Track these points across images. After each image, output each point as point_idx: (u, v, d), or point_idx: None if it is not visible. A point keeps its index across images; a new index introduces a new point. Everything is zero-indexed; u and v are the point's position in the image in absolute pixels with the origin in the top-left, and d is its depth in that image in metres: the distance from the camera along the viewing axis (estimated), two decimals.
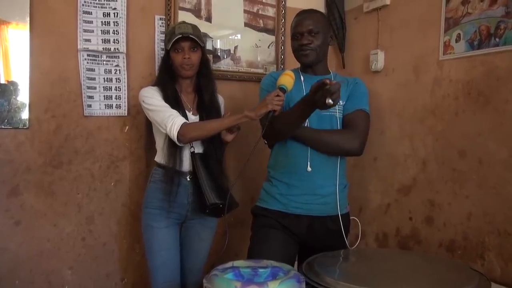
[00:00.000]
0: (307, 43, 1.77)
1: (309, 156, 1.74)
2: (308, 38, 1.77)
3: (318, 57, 1.80)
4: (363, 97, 1.82)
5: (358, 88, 1.83)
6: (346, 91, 1.81)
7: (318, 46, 1.78)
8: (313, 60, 1.80)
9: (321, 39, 1.78)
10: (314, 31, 1.76)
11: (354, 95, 1.81)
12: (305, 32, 1.77)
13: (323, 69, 1.86)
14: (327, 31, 1.80)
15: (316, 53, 1.78)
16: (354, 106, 1.78)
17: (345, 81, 1.85)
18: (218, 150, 1.96)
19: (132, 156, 2.23)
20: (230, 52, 2.47)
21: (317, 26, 1.77)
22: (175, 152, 1.87)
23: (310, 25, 1.77)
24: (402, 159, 2.19)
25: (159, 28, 2.25)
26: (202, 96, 1.98)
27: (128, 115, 2.21)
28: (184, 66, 1.90)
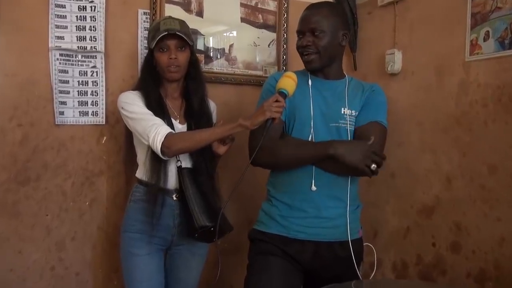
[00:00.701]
0: (307, 44, 1.76)
1: (314, 173, 1.73)
2: (309, 39, 1.76)
3: (323, 60, 1.78)
4: (380, 107, 1.82)
5: (375, 97, 1.83)
6: (360, 99, 1.81)
7: (322, 47, 1.76)
8: (317, 66, 1.79)
9: (327, 39, 1.76)
10: (317, 30, 1.75)
11: (370, 104, 1.81)
12: (307, 31, 1.77)
13: (336, 72, 1.85)
14: (337, 29, 1.78)
15: (319, 57, 1.77)
16: (369, 117, 1.77)
17: (360, 87, 1.85)
18: (209, 164, 1.95)
19: (110, 171, 2.22)
20: (225, 51, 2.47)
21: (322, 24, 1.75)
22: (159, 166, 1.86)
23: (313, 22, 1.75)
24: (424, 175, 2.18)
25: (143, 23, 2.26)
26: (191, 102, 1.97)
27: (106, 124, 2.21)
28: (170, 68, 1.90)
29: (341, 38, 1.80)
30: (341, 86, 1.83)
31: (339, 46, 1.82)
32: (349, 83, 1.86)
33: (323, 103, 1.79)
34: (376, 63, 2.47)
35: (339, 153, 1.63)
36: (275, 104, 1.60)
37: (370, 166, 1.60)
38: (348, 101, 1.78)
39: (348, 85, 1.84)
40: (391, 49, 2.35)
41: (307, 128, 1.75)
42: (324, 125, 1.74)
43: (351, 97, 1.80)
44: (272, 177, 1.87)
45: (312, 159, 1.70)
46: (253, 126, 1.65)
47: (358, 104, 1.80)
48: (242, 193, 2.34)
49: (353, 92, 1.82)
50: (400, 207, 2.31)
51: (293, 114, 1.78)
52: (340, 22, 1.80)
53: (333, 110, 1.76)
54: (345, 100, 1.79)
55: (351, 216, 1.77)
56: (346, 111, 1.77)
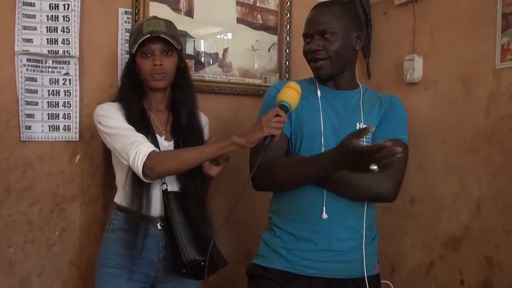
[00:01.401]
0: (316, 49, 1.76)
1: (324, 199, 1.72)
2: (318, 43, 1.76)
3: (335, 67, 1.78)
4: (400, 122, 1.82)
5: (393, 110, 1.83)
6: (378, 113, 1.81)
7: (334, 52, 1.76)
8: (329, 73, 1.79)
9: (340, 42, 1.76)
10: (328, 32, 1.75)
11: (389, 119, 1.81)
12: (316, 33, 1.77)
13: (349, 81, 1.85)
14: (350, 30, 1.78)
15: (331, 62, 1.77)
16: (388, 134, 1.76)
17: (377, 99, 1.85)
18: (199, 188, 1.94)
19: (84, 196, 2.21)
20: (218, 56, 2.47)
21: (333, 24, 1.75)
22: (141, 190, 1.85)
23: (322, 23, 1.75)
24: (449, 202, 2.17)
25: (124, 24, 2.26)
26: (179, 115, 1.97)
27: (80, 140, 2.20)
28: (155, 76, 1.90)
29: (355, 41, 1.80)
30: (355, 98, 1.83)
31: (353, 50, 1.81)
32: (364, 94, 1.85)
33: (335, 116, 1.78)
34: (393, 71, 2.47)
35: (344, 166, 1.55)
36: (275, 119, 1.58)
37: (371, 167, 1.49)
38: (364, 115, 1.78)
39: (363, 96, 1.84)
40: (410, 54, 2.35)
41: (316, 146, 1.74)
42: (336, 142, 1.71)
43: (367, 110, 1.80)
44: (275, 203, 1.86)
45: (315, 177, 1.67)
46: (250, 144, 1.64)
47: (375, 119, 1.79)
48: (239, 221, 2.32)
49: (369, 105, 1.82)
50: (422, 239, 2.29)
51: (301, 129, 1.77)
52: (353, 23, 1.80)
53: (346, 125, 1.75)
54: (360, 113, 1.78)
55: (367, 248, 1.76)
56: (361, 126, 1.76)
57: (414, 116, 2.28)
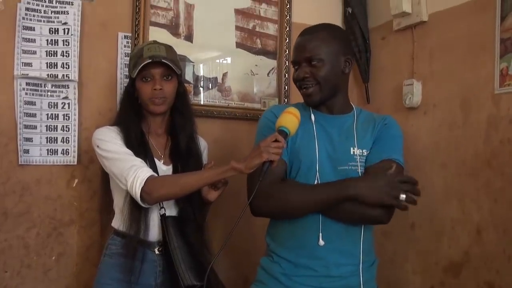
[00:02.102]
0: (304, 76, 1.77)
1: (320, 225, 1.72)
2: (305, 70, 1.76)
3: (325, 93, 1.78)
4: (395, 142, 1.81)
5: (388, 130, 1.82)
6: (371, 135, 1.81)
7: (322, 78, 1.76)
8: (318, 99, 1.79)
9: (327, 67, 1.75)
10: (314, 59, 1.75)
11: (382, 139, 1.80)
12: (303, 61, 1.77)
13: (342, 105, 1.85)
14: (337, 55, 1.77)
15: (320, 88, 1.77)
16: (381, 154, 1.76)
17: (371, 121, 1.85)
18: (197, 213, 1.94)
19: (81, 221, 2.20)
20: (217, 81, 2.49)
21: (319, 51, 1.75)
22: (139, 215, 1.85)
23: (308, 50, 1.75)
24: (449, 227, 2.17)
25: (124, 49, 2.28)
26: (178, 139, 1.97)
27: (79, 164, 2.21)
28: (154, 100, 1.91)
29: (344, 65, 1.80)
30: (349, 121, 1.83)
31: (342, 74, 1.81)
32: (358, 116, 1.85)
33: (329, 143, 1.78)
34: (392, 95, 2.49)
35: (360, 192, 1.63)
36: (273, 144, 1.58)
37: (399, 197, 1.61)
38: (357, 139, 1.78)
39: (356, 119, 1.84)
40: (409, 79, 2.37)
41: (312, 172, 1.74)
42: (331, 168, 1.73)
43: (360, 134, 1.80)
44: (272, 229, 1.85)
45: (327, 203, 1.67)
46: (248, 170, 1.63)
47: (369, 141, 1.79)
48: (237, 247, 2.31)
49: (363, 128, 1.82)
50: (422, 264, 2.28)
51: (297, 156, 1.77)
52: (341, 46, 1.79)
53: (341, 151, 1.76)
54: (354, 138, 1.78)
55: (365, 274, 1.75)
56: (356, 151, 1.76)
57: (413, 140, 2.30)
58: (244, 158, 1.64)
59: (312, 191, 1.69)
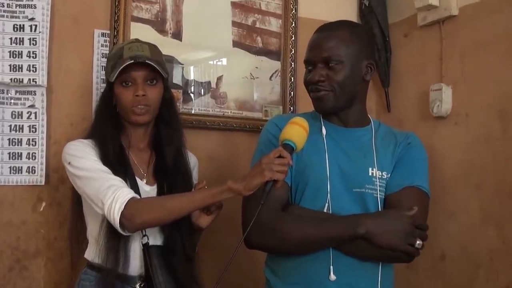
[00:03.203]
0: (318, 80, 1.77)
1: (331, 257, 1.71)
2: (321, 73, 1.77)
3: (340, 101, 1.79)
4: (419, 167, 1.82)
5: (411, 152, 1.83)
6: (393, 156, 1.82)
7: (339, 84, 1.76)
8: (331, 107, 1.80)
9: (346, 72, 1.76)
10: (332, 60, 1.76)
11: (405, 163, 1.81)
12: (319, 61, 1.78)
13: (359, 117, 1.86)
14: (360, 58, 1.79)
15: (334, 96, 1.77)
16: (404, 181, 1.77)
17: (391, 138, 1.85)
18: (186, 242, 1.93)
19: (50, 251, 2.20)
20: (211, 86, 2.49)
21: (339, 51, 1.75)
22: (117, 244, 1.83)
23: (326, 50, 1.76)
24: (487, 258, 2.16)
25: (100, 48, 2.29)
26: (163, 155, 1.97)
27: (47, 185, 2.20)
28: (136, 108, 1.90)
29: (365, 71, 1.81)
30: (366, 136, 1.84)
31: (362, 81, 1.82)
32: (377, 131, 1.86)
33: (344, 159, 1.79)
34: (417, 103, 2.49)
35: (372, 232, 1.63)
36: (277, 161, 1.58)
37: (415, 244, 1.61)
38: (377, 159, 1.79)
39: (375, 135, 1.84)
40: (437, 83, 2.37)
41: (321, 195, 1.74)
42: (345, 190, 1.73)
43: (381, 152, 1.81)
44: (272, 262, 1.85)
45: (333, 241, 1.69)
46: (248, 192, 1.62)
47: (390, 163, 1.80)
48: (233, 283, 2.26)
49: (383, 145, 1.83)
50: None
51: (303, 174, 1.77)
52: (363, 49, 1.81)
53: (357, 171, 1.76)
54: (372, 156, 1.79)
55: None
56: (375, 172, 1.77)
57: (442, 156, 2.30)
58: (243, 177, 1.64)
59: (317, 227, 1.69)
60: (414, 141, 1.86)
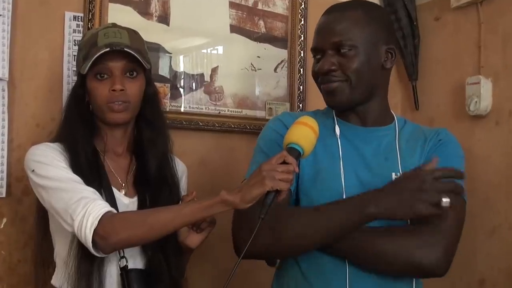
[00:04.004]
0: (329, 69, 1.76)
1: (348, 275, 1.71)
2: (332, 60, 1.76)
3: (356, 94, 1.78)
4: (453, 165, 1.78)
5: (443, 149, 1.83)
6: (421, 155, 1.82)
7: (355, 73, 1.76)
8: (346, 102, 1.79)
9: (363, 58, 1.76)
10: (345, 45, 1.75)
11: None
12: (328, 47, 1.77)
13: (379, 113, 1.87)
14: (377, 42, 1.79)
15: (350, 87, 1.77)
16: None
17: (420, 137, 1.86)
18: (173, 264, 1.93)
19: (12, 277, 2.21)
20: (204, 79, 2.50)
21: (352, 35, 1.75)
22: (90, 268, 1.82)
23: (337, 34, 1.76)
24: None
25: (72, 35, 2.30)
26: (145, 161, 1.98)
27: (8, 197, 2.21)
28: (113, 105, 1.90)
29: (384, 57, 1.81)
30: (389, 136, 1.84)
31: (382, 70, 1.82)
32: (401, 130, 1.86)
33: (362, 165, 1.79)
34: (451, 99, 2.50)
35: (384, 207, 1.61)
36: (281, 168, 1.56)
37: (441, 202, 1.56)
38: (402, 162, 1.78)
39: (399, 134, 1.84)
40: (475, 76, 2.37)
41: None
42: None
43: (406, 154, 1.80)
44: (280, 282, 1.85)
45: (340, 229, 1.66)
46: (245, 204, 1.61)
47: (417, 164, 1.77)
48: None
49: (408, 146, 1.83)
50: None
51: (313, 184, 1.77)
52: (381, 31, 1.81)
53: (379, 178, 1.75)
54: (396, 159, 1.79)
55: None
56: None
57: (481, 162, 2.31)
58: (240, 188, 1.63)
59: (317, 215, 1.68)
60: (447, 137, 1.85)
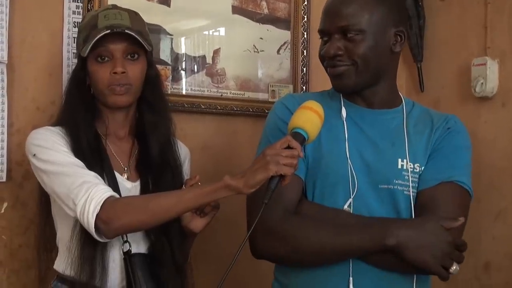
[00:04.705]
0: (336, 54, 1.76)
1: (351, 269, 1.71)
2: (338, 45, 1.76)
3: (364, 77, 1.78)
4: (460, 157, 1.82)
5: (451, 139, 1.83)
6: (428, 142, 1.81)
7: (362, 57, 1.75)
8: (353, 85, 1.79)
9: (370, 43, 1.75)
10: (352, 29, 1.75)
11: (442, 152, 1.81)
12: (335, 31, 1.77)
13: (387, 96, 1.86)
14: (385, 25, 1.79)
15: (356, 71, 1.76)
16: (440, 174, 1.76)
17: (427, 122, 1.85)
18: (177, 249, 1.93)
19: (13, 262, 2.21)
20: (206, 61, 2.49)
21: (360, 18, 1.75)
22: (92, 253, 1.83)
23: (344, 17, 1.75)
24: None
25: (72, 16, 2.29)
26: (147, 145, 1.98)
27: (8, 182, 2.21)
28: (115, 88, 1.89)
29: (393, 40, 1.80)
30: (396, 120, 1.84)
31: (391, 53, 1.82)
32: (410, 113, 1.86)
33: (369, 148, 1.78)
34: (456, 81, 2.49)
35: (403, 245, 1.62)
36: (285, 152, 1.57)
37: (450, 268, 1.60)
38: (409, 148, 1.78)
39: (407, 118, 1.84)
40: (481, 57, 2.36)
41: (342, 193, 1.74)
42: (370, 187, 1.73)
43: (413, 140, 1.80)
44: (281, 275, 1.85)
45: (355, 253, 1.69)
46: (249, 189, 1.62)
47: (424, 152, 1.79)
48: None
49: (416, 131, 1.82)
50: None
51: (318, 167, 1.77)
52: (390, 14, 1.80)
53: (384, 163, 1.76)
54: (404, 144, 1.78)
55: None
56: (406, 164, 1.77)
57: (487, 145, 2.31)
58: (243, 172, 1.64)
59: (337, 234, 1.69)
60: (456, 125, 1.85)
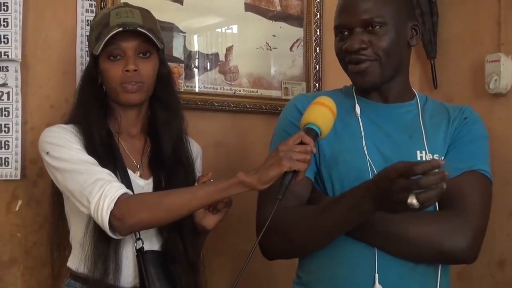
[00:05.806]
0: (360, 48, 1.74)
1: (376, 263, 1.69)
2: (362, 38, 1.74)
3: (386, 73, 1.77)
4: (480, 146, 1.81)
5: (469, 129, 1.82)
6: (446, 133, 1.81)
7: (386, 51, 1.74)
8: (377, 81, 1.77)
9: (393, 36, 1.74)
10: (375, 22, 1.73)
11: (462, 141, 1.80)
12: (357, 25, 1.75)
13: (401, 90, 1.86)
14: (404, 19, 1.78)
15: (380, 66, 1.75)
16: (463, 164, 1.75)
17: (443, 114, 1.85)
18: (190, 246, 1.94)
19: (27, 259, 2.22)
20: (219, 58, 2.50)
21: (382, 10, 1.73)
22: (106, 250, 1.84)
23: (367, 10, 1.73)
24: None
25: (85, 15, 2.30)
26: (160, 142, 1.98)
27: (23, 179, 2.22)
28: (127, 86, 1.90)
29: (410, 34, 1.80)
30: (412, 113, 1.83)
31: (408, 47, 1.82)
32: (424, 106, 1.85)
33: (386, 143, 1.78)
34: (470, 77, 2.49)
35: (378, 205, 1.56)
36: (298, 148, 1.57)
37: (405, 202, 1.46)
38: (427, 140, 1.77)
39: (422, 111, 1.83)
40: (495, 53, 2.36)
41: None
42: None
43: (430, 132, 1.79)
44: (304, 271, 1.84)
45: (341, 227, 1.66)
46: (262, 185, 1.62)
47: (443, 143, 1.78)
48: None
49: (433, 122, 1.82)
50: None
51: (335, 165, 1.76)
52: (406, 7, 1.80)
53: (403, 155, 1.70)
54: (421, 137, 1.77)
55: None
56: (424, 156, 1.76)
57: (501, 142, 2.29)
58: (257, 168, 1.64)
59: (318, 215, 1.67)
60: (472, 115, 1.84)
